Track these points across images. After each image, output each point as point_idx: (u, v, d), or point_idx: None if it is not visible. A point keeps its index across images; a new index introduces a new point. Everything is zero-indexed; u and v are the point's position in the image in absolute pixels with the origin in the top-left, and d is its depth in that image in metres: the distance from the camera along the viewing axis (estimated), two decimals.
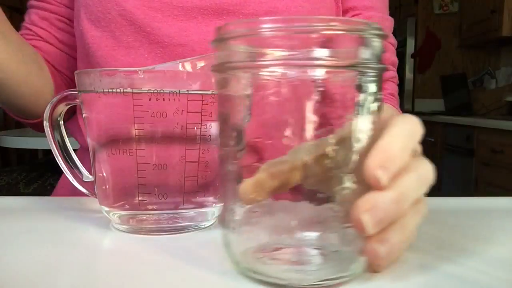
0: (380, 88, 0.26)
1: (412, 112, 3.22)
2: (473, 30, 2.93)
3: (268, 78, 0.25)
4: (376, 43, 0.25)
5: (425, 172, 0.27)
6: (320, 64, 0.24)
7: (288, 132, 0.25)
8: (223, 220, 0.28)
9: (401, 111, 0.60)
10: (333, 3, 0.58)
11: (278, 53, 0.24)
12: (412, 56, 3.28)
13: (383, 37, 0.25)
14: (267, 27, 0.24)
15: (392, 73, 0.62)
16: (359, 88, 0.25)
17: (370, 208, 0.23)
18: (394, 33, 0.65)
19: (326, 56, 0.24)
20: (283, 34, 0.24)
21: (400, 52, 3.25)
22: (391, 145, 0.24)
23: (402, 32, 3.30)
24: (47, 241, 0.35)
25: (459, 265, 0.30)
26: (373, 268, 0.27)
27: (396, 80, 0.63)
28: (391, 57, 0.61)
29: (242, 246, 0.28)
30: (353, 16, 0.60)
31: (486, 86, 3.07)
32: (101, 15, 0.54)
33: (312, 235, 0.26)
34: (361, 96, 0.25)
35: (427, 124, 2.80)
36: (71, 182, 0.41)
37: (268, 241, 0.27)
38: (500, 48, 3.07)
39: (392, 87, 0.62)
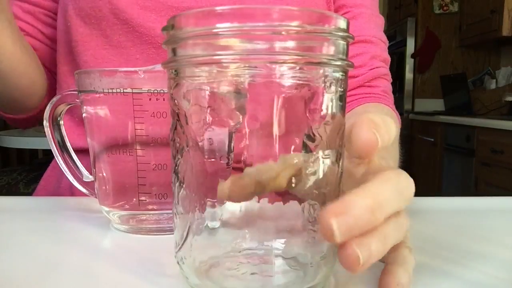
0: (344, 88, 0.25)
1: (412, 112, 3.22)
2: (473, 30, 2.93)
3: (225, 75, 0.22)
4: (340, 40, 0.23)
5: (405, 184, 0.24)
6: (283, 60, 0.22)
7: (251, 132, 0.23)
8: (177, 231, 0.26)
9: (396, 110, 0.59)
10: (325, 5, 0.58)
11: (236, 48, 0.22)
12: (412, 56, 3.27)
13: (346, 32, 0.23)
14: (223, 27, 0.21)
15: (384, 70, 0.60)
16: (324, 87, 0.23)
17: (341, 214, 0.21)
18: (394, 33, 0.64)
19: (288, 52, 0.22)
20: (239, 34, 0.21)
21: (400, 52, 3.24)
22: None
23: (402, 32, 3.29)
24: (47, 241, 0.35)
25: (459, 265, 0.30)
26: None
27: (389, 77, 0.61)
28: (383, 54, 0.60)
29: (200, 258, 0.25)
30: (343, 14, 0.59)
31: (486, 86, 3.07)
32: (91, 11, 0.52)
33: (276, 243, 0.24)
34: (326, 96, 0.23)
35: (427, 124, 2.81)
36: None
37: (229, 252, 0.25)
38: (500, 48, 3.07)
39: (384, 84, 0.60)
